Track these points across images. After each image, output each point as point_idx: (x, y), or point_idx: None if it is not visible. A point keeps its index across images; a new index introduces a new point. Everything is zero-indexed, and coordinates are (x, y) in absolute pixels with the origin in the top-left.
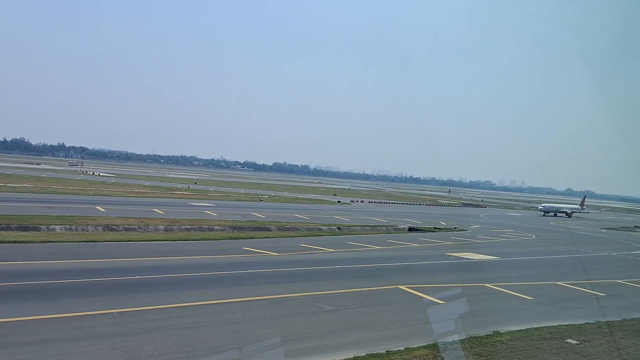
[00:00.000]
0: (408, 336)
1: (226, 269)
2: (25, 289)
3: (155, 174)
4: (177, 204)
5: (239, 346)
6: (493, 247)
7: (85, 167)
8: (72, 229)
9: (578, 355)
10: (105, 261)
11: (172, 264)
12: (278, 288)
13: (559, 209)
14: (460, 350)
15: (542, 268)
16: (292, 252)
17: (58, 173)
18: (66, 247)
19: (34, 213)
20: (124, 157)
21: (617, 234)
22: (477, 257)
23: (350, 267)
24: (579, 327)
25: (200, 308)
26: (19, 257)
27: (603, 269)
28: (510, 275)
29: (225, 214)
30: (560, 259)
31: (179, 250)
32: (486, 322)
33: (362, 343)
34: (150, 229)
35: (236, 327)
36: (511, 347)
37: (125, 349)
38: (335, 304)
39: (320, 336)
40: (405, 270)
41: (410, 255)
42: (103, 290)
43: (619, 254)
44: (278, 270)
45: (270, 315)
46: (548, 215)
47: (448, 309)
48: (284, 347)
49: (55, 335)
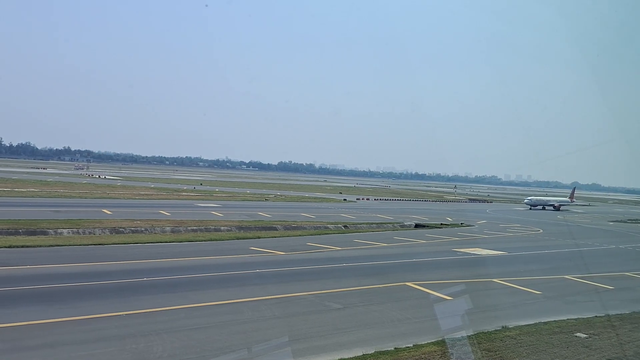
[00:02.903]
0: (416, 333)
1: (233, 269)
2: (34, 292)
3: (161, 176)
4: (183, 205)
5: (248, 346)
6: (500, 242)
7: (91, 170)
8: (79, 233)
9: (588, 349)
10: (113, 264)
11: (179, 265)
12: (285, 287)
13: (547, 202)
14: (469, 346)
15: (550, 262)
16: (299, 251)
17: (64, 177)
18: (74, 251)
19: (41, 217)
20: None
21: (624, 227)
22: (485, 253)
23: (357, 265)
24: (587, 320)
25: (208, 309)
26: (28, 261)
27: (611, 261)
28: (518, 270)
29: (231, 214)
30: (567, 252)
31: (186, 251)
32: (494, 318)
33: (371, 340)
34: (157, 230)
35: (244, 327)
36: (520, 342)
37: (134, 350)
38: (343, 302)
39: (329, 334)
40: (412, 267)
41: (417, 252)
42: (111, 292)
43: (627, 246)
44: (285, 270)
45: (278, 315)
46: (535, 209)
47: (456, 305)
48: (293, 346)
49: (64, 338)
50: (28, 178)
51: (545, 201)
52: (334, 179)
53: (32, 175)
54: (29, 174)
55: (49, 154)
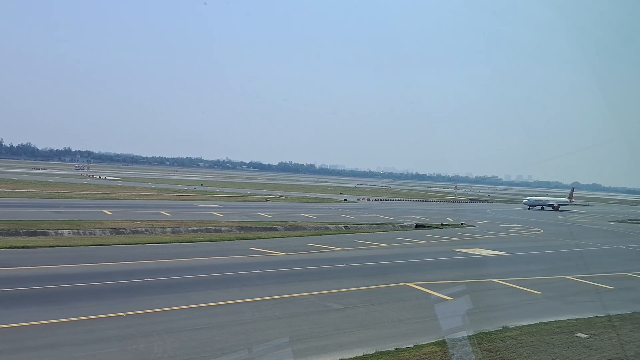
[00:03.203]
0: (417, 333)
1: (234, 269)
2: (34, 293)
3: (161, 176)
4: (183, 205)
5: (248, 346)
6: (500, 242)
7: (92, 171)
8: (79, 233)
9: (588, 349)
10: (113, 264)
11: (180, 265)
12: (286, 288)
13: (545, 202)
14: (470, 346)
15: (550, 262)
16: (300, 252)
17: (65, 178)
18: (74, 251)
19: (41, 218)
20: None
21: (625, 227)
22: (485, 253)
23: (357, 265)
24: (588, 320)
25: (209, 309)
26: (28, 262)
27: (612, 261)
28: (519, 270)
29: (232, 214)
30: (568, 252)
31: (187, 252)
32: (495, 318)
33: (371, 341)
34: (157, 231)
35: (245, 327)
36: (521, 342)
37: (134, 351)
38: (344, 303)
39: (329, 335)
40: (413, 267)
41: (418, 252)
42: (112, 293)
43: (628, 246)
44: (286, 270)
45: (278, 315)
46: (534, 209)
47: (457, 305)
48: (293, 346)
49: (65, 339)
50: (28, 179)
51: (544, 201)
52: (334, 179)
53: (32, 176)
54: (29, 175)
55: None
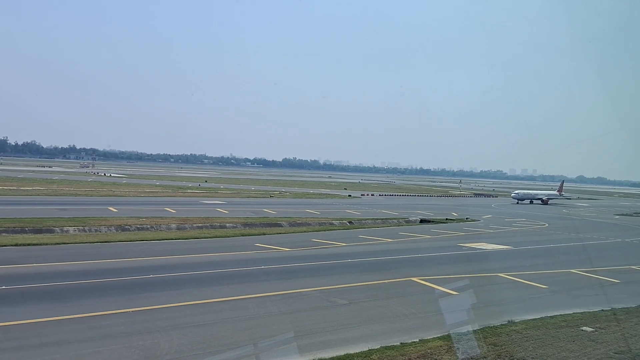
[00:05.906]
0: (422, 328)
1: (239, 265)
2: (40, 290)
3: (166, 173)
4: (188, 202)
5: (254, 342)
6: (505, 236)
7: (97, 168)
8: (85, 230)
9: (594, 342)
10: (119, 261)
11: (185, 262)
12: (291, 283)
13: (535, 195)
14: (475, 340)
15: (556, 256)
16: (304, 247)
17: (70, 175)
18: (80, 249)
19: (47, 215)
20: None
21: (630, 220)
22: (490, 247)
23: (362, 261)
24: (593, 314)
25: (214, 305)
26: (34, 259)
27: (617, 255)
28: (524, 264)
29: (236, 211)
30: (573, 246)
31: (192, 248)
32: (500, 312)
33: (376, 336)
34: (162, 228)
35: (250, 323)
36: (526, 336)
37: (141, 347)
38: (349, 298)
39: (334, 330)
40: (417, 262)
41: (423, 247)
42: (118, 290)
43: (633, 240)
44: (290, 266)
45: (284, 311)
46: (523, 203)
47: (462, 299)
48: (298, 341)
49: (71, 336)
50: (34, 177)
51: (533, 195)
52: (338, 175)
53: (37, 174)
54: (34, 173)
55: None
